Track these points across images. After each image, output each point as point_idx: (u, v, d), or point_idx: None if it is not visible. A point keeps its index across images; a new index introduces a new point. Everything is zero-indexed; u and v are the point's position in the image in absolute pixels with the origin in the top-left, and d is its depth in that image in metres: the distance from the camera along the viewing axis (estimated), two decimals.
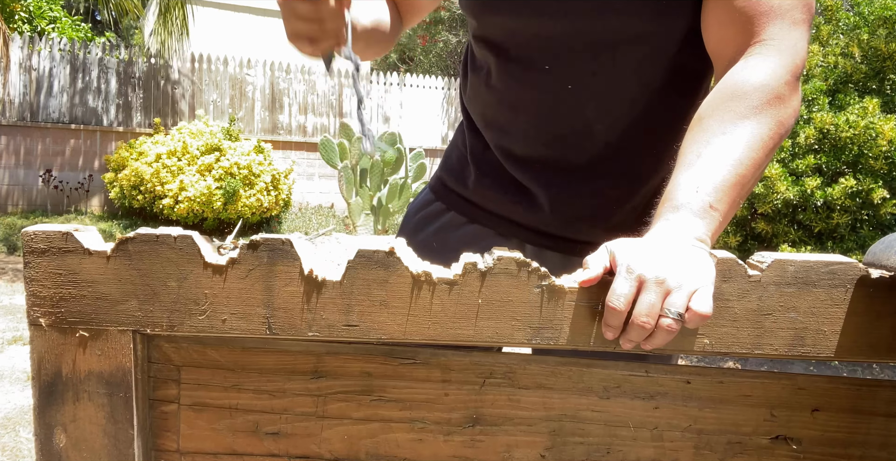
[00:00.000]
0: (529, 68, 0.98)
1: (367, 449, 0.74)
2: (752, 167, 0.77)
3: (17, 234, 7.48)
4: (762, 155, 0.78)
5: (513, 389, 0.74)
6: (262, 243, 0.66)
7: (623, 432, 0.75)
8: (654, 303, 0.65)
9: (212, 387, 0.73)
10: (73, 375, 0.68)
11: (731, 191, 0.75)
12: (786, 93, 0.81)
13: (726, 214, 0.76)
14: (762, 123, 0.79)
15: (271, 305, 0.67)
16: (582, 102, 0.98)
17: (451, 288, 0.68)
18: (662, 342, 0.67)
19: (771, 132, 0.79)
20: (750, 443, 0.75)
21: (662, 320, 0.65)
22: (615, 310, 0.66)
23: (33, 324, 0.67)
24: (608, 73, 0.96)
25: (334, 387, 0.73)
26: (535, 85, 0.99)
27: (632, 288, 0.66)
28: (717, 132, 0.79)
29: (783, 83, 0.80)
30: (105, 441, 0.68)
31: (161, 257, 0.66)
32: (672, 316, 0.65)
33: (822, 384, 0.75)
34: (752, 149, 0.77)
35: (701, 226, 0.72)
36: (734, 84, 0.81)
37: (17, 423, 2.85)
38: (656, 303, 0.66)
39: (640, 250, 0.68)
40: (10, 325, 4.31)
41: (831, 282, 0.68)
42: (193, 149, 7.67)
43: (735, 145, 0.77)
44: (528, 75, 0.99)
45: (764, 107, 0.79)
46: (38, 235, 0.66)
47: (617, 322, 0.67)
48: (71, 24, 11.99)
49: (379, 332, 0.68)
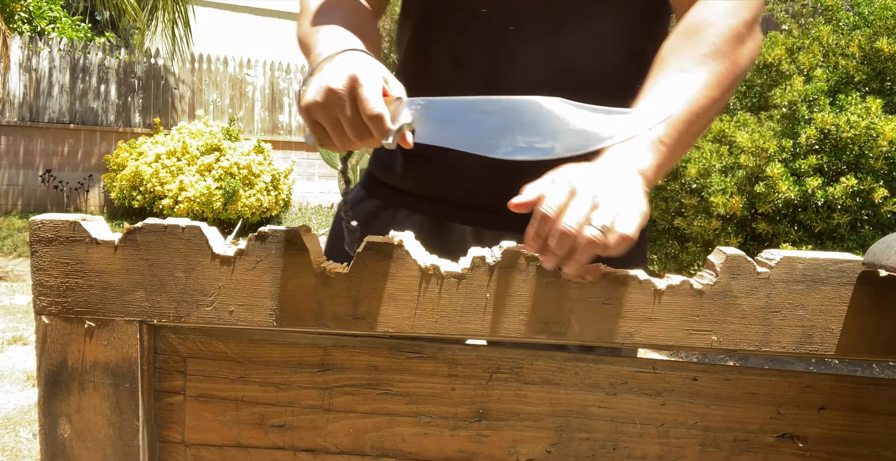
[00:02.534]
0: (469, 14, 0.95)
1: (373, 442, 0.74)
2: (705, 105, 0.78)
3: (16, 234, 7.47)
4: (717, 93, 0.79)
5: (519, 384, 0.74)
6: (271, 235, 0.66)
7: (629, 428, 0.75)
8: (583, 213, 0.65)
9: (218, 378, 0.72)
10: (79, 365, 0.67)
11: (682, 127, 0.76)
12: (744, 32, 0.82)
13: (674, 150, 0.76)
14: (719, 62, 0.80)
15: (279, 297, 0.67)
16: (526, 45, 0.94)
17: (459, 281, 0.67)
18: (583, 260, 0.66)
19: (727, 71, 0.80)
20: (756, 440, 0.75)
21: (587, 229, 0.64)
22: (545, 216, 0.65)
23: (39, 314, 0.67)
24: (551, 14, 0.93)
25: (341, 380, 0.73)
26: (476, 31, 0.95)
27: (565, 198, 0.66)
28: (674, 69, 0.80)
29: (742, 22, 0.82)
30: (110, 432, 0.68)
31: (169, 248, 0.66)
32: (597, 227, 0.64)
33: (828, 382, 0.74)
34: (707, 87, 0.78)
35: (647, 158, 0.73)
36: (694, 23, 0.82)
37: (17, 423, 2.84)
38: (585, 212, 0.65)
39: (580, 170, 0.69)
40: (10, 325, 4.31)
41: (839, 280, 0.68)
42: (193, 149, 7.67)
43: (690, 83, 0.78)
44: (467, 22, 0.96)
45: (722, 46, 0.80)
46: (46, 224, 0.66)
47: (544, 230, 0.66)
48: (71, 24, 11.98)
49: (386, 325, 0.68)
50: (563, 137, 0.68)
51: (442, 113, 0.74)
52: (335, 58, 0.78)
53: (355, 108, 0.74)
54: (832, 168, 2.99)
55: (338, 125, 0.76)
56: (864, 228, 3.01)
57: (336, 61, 0.77)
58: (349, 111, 0.74)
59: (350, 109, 0.74)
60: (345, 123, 0.75)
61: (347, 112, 0.74)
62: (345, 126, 0.76)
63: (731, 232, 3.17)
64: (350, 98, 0.74)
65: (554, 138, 0.68)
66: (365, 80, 0.74)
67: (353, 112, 0.74)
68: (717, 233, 3.19)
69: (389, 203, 1.08)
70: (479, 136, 0.72)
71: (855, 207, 2.90)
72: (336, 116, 0.75)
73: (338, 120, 0.75)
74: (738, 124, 3.31)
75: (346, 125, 0.75)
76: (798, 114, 3.06)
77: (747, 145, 3.09)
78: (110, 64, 9.13)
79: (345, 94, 0.73)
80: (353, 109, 0.74)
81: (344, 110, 0.74)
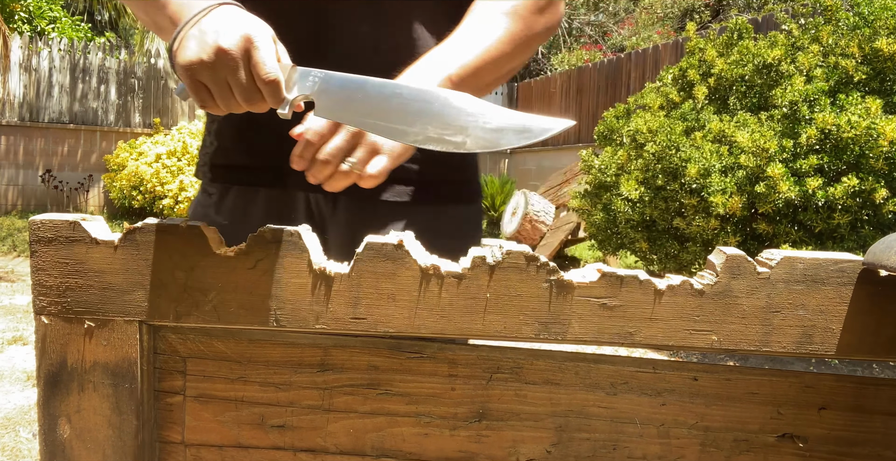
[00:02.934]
0: None
1: (373, 443, 0.74)
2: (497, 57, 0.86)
3: (16, 234, 7.47)
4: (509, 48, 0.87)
5: (520, 384, 0.74)
6: (271, 235, 0.66)
7: (629, 429, 0.75)
8: (341, 147, 0.76)
9: (218, 379, 0.72)
10: (79, 365, 0.67)
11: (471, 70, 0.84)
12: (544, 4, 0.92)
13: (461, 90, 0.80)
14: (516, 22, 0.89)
15: (279, 297, 0.67)
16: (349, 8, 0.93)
17: (459, 282, 0.67)
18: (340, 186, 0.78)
19: (520, 32, 0.89)
20: (756, 440, 0.75)
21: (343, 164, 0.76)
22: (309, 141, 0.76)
23: (39, 314, 0.67)
24: None
25: (341, 380, 0.73)
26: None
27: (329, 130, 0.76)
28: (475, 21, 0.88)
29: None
30: (109, 432, 0.68)
31: (169, 247, 0.66)
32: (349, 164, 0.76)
33: (829, 382, 0.74)
34: (500, 41, 0.87)
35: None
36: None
37: (18, 423, 2.84)
38: (343, 147, 0.76)
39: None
40: (10, 325, 4.31)
41: (840, 279, 0.68)
42: (193, 148, 7.67)
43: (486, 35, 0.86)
44: None
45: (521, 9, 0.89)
46: (46, 224, 0.66)
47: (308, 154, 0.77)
48: (71, 24, 11.99)
49: (386, 326, 0.68)
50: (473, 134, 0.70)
51: (344, 89, 0.73)
52: (213, 12, 0.72)
53: (249, 72, 0.70)
54: (833, 168, 2.99)
55: (225, 87, 0.71)
56: (865, 228, 3.01)
57: (218, 16, 0.72)
58: (242, 74, 0.70)
59: (244, 73, 0.70)
60: (235, 86, 0.71)
61: (240, 75, 0.70)
62: (234, 89, 0.71)
63: (731, 232, 3.17)
64: (244, 60, 0.69)
65: (465, 134, 0.70)
66: (260, 41, 0.70)
67: (246, 76, 0.70)
68: (717, 233, 3.19)
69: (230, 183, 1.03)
70: (387, 120, 0.72)
71: (855, 207, 2.90)
72: (225, 78, 0.70)
73: (226, 82, 0.71)
74: (738, 124, 3.31)
75: (235, 88, 0.71)
76: (799, 114, 3.06)
77: (747, 145, 3.09)
78: (110, 64, 9.14)
79: (238, 55, 0.69)
80: (246, 73, 0.70)
81: (236, 73, 0.70)
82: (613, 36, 13.01)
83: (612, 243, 4.02)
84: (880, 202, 2.84)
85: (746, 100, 3.56)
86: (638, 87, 7.91)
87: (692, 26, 4.13)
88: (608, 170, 3.87)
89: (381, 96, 0.72)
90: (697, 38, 3.93)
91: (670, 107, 3.90)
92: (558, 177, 7.16)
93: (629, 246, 3.89)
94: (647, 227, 3.69)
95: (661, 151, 3.37)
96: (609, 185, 3.88)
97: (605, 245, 4.09)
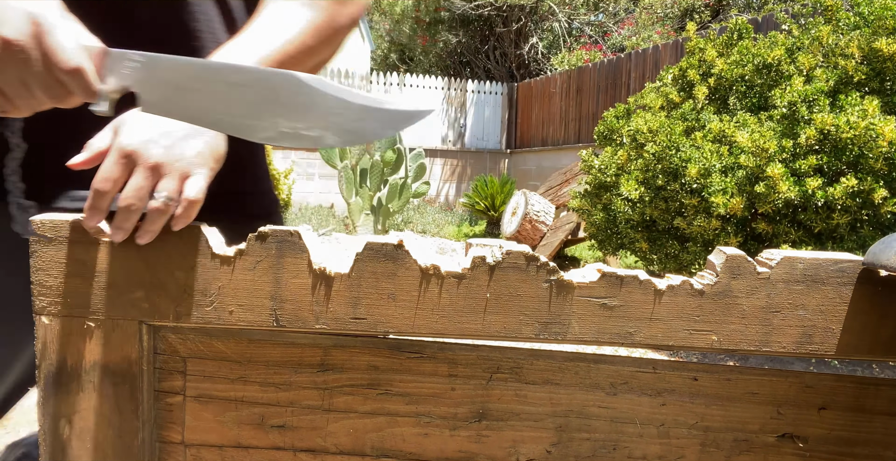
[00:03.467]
0: None
1: (373, 443, 0.74)
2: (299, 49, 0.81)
3: None
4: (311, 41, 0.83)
5: (520, 384, 0.74)
6: (271, 235, 0.66)
7: (629, 429, 0.75)
8: (142, 186, 0.63)
9: (218, 379, 0.72)
10: (79, 366, 0.67)
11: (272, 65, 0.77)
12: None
13: None
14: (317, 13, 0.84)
15: (279, 297, 0.67)
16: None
17: (459, 282, 0.67)
18: (155, 229, 0.64)
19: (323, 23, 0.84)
20: (756, 440, 0.75)
21: (151, 202, 0.63)
22: (98, 191, 0.62)
23: (39, 314, 0.66)
24: None
25: (341, 380, 0.73)
26: None
27: (120, 170, 0.63)
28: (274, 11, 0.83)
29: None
30: (109, 432, 0.68)
31: (169, 247, 0.66)
32: (161, 198, 0.63)
33: (829, 382, 0.74)
34: (302, 33, 0.82)
35: None
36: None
37: (18, 423, 2.83)
38: (145, 185, 0.63)
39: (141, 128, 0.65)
40: None
41: (840, 279, 0.68)
42: None
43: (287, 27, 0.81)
44: None
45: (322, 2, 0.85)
46: (46, 224, 0.66)
47: (101, 204, 0.63)
48: None
49: (386, 326, 0.68)
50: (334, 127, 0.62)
51: (175, 78, 0.61)
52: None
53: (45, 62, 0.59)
54: (832, 168, 2.99)
55: (21, 87, 0.60)
56: (864, 229, 3.00)
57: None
58: (40, 67, 0.59)
59: (41, 64, 0.59)
60: (34, 83, 0.60)
61: (37, 68, 0.59)
62: (34, 86, 0.60)
63: (731, 232, 3.17)
64: (36, 49, 0.58)
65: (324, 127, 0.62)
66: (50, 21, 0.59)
67: (44, 67, 0.59)
68: (717, 233, 3.19)
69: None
70: (230, 114, 0.62)
71: (855, 208, 2.90)
72: (19, 76, 0.59)
73: (20, 80, 0.60)
74: (738, 124, 3.31)
75: (36, 85, 0.60)
76: (798, 114, 3.06)
77: (747, 145, 3.09)
78: None
79: (29, 45, 0.58)
80: (43, 63, 0.59)
81: (30, 67, 0.59)
82: (613, 36, 13.01)
83: (612, 243, 4.02)
84: (879, 202, 2.84)
85: (746, 100, 3.55)
86: (638, 87, 7.91)
87: (692, 26, 4.13)
88: (608, 170, 3.87)
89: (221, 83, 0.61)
90: (697, 38, 3.93)
91: (670, 107, 3.90)
92: (558, 177, 7.16)
93: (629, 246, 3.89)
94: (647, 227, 3.69)
95: (662, 151, 3.37)
96: (609, 185, 3.88)
97: (605, 245, 4.09)
